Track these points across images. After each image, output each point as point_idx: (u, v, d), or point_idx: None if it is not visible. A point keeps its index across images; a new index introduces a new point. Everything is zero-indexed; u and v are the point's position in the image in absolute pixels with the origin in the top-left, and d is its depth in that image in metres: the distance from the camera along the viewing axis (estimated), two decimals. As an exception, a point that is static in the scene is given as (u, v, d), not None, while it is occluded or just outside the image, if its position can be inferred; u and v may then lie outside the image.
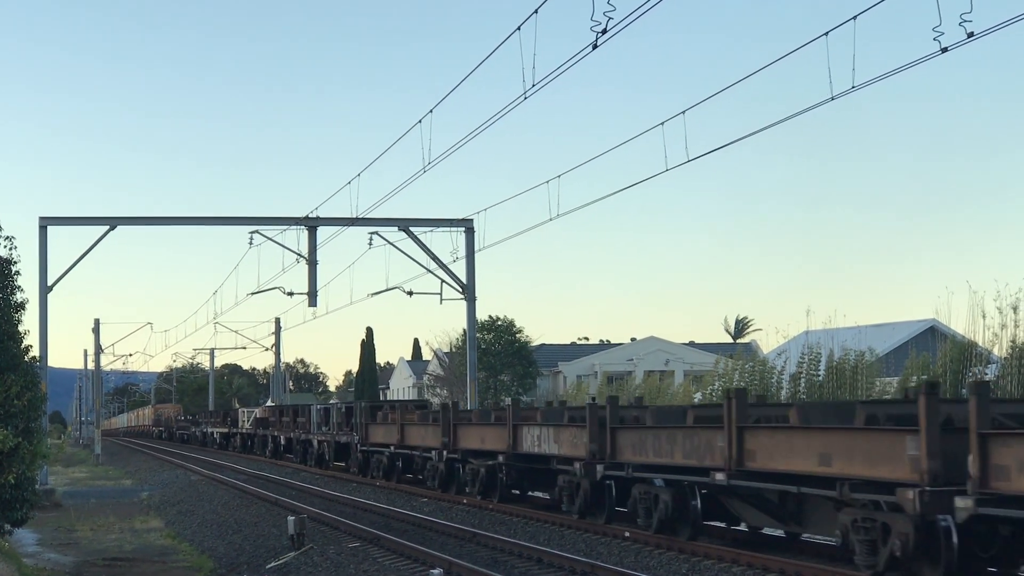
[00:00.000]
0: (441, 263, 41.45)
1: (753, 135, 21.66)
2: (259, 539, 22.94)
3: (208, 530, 25.79)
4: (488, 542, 20.06)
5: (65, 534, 26.11)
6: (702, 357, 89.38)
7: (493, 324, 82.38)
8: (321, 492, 32.39)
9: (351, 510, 27.05)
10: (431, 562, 17.64)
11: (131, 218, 42.46)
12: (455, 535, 21.45)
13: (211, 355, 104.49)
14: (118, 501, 35.91)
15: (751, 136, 21.83)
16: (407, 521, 24.13)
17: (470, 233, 41.43)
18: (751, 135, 21.82)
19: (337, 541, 21.05)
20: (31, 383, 17.74)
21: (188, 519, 28.81)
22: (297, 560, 19.43)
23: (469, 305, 42.44)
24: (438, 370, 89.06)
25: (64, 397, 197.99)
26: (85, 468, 59.73)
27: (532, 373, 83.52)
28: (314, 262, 39.91)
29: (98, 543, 24.41)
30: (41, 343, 38.07)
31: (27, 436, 17.38)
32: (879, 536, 13.81)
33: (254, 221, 41.13)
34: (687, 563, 17.00)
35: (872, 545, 13.92)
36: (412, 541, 19.85)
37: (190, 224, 44.03)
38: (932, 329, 51.84)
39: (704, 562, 16.91)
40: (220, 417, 74.29)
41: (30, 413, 17.64)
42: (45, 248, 39.89)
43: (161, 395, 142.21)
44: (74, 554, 22.55)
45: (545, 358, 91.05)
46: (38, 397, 18.03)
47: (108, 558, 21.80)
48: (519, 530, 21.87)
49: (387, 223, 41.10)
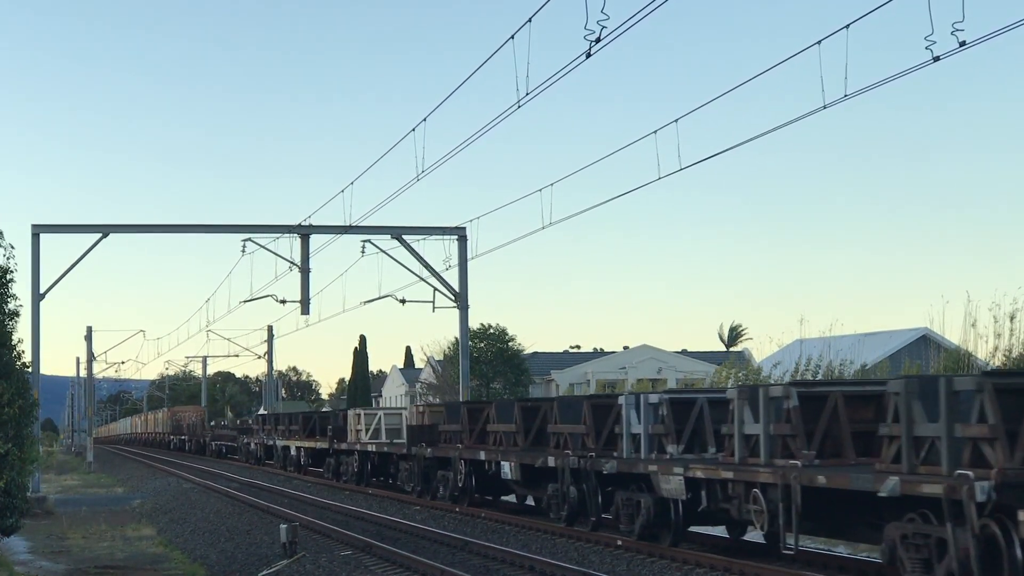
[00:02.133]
0: (434, 271, 41.46)
1: (746, 143, 21.73)
2: (251, 547, 22.90)
3: (200, 538, 25.73)
4: (480, 550, 20.04)
5: (57, 542, 26.02)
6: (695, 365, 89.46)
7: (485, 332, 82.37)
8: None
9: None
10: (423, 570, 17.63)
11: (124, 226, 42.38)
12: (447, 543, 21.44)
13: (204, 363, 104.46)
14: (110, 509, 35.80)
15: (744, 144, 21.90)
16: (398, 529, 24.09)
17: (463, 241, 41.43)
18: (744, 143, 21.91)
19: (329, 549, 21.02)
20: (22, 390, 17.70)
21: (180, 527, 28.74)
22: (289, 568, 19.39)
23: (462, 313, 42.43)
24: (431, 378, 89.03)
25: (56, 404, 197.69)
26: (77, 476, 59.56)
27: (524, 381, 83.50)
28: (307, 270, 39.88)
29: (90, 551, 24.33)
30: (33, 350, 38.00)
31: (18, 443, 17.34)
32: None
33: (247, 229, 41.10)
34: (679, 571, 17.00)
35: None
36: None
37: (183, 232, 43.96)
38: (924, 338, 51.98)
39: (696, 570, 16.91)
40: (304, 424, 46.22)
41: (21, 420, 17.60)
42: (38, 255, 39.81)
43: (154, 403, 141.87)
44: (66, 562, 22.48)
45: (538, 366, 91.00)
46: (29, 404, 17.99)
47: (100, 566, 21.74)
48: (511, 538, 21.86)
49: (380, 231, 41.09)
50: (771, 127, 20.64)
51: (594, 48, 17.90)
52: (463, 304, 42.22)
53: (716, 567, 16.85)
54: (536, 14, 19.36)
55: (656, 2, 16.71)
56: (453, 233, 41.50)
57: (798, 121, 19.77)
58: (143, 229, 43.78)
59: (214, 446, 72.46)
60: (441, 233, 41.58)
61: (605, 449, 20.87)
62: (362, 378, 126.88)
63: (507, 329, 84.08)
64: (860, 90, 17.92)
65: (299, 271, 39.86)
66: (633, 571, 17.31)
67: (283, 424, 50.07)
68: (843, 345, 35.01)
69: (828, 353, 34.51)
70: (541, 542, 21.09)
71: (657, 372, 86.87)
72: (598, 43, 17.69)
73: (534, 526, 22.91)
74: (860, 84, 17.99)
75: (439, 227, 41.88)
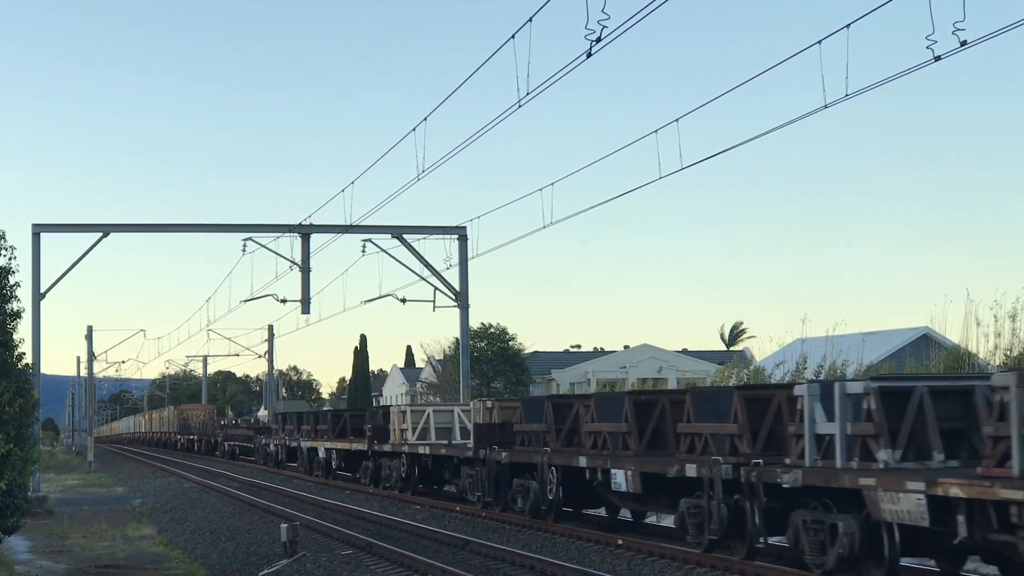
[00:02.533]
0: (434, 270, 41.48)
1: (747, 143, 21.72)
2: (252, 546, 22.90)
3: (201, 537, 25.73)
4: (480, 549, 20.04)
5: (57, 541, 26.02)
6: (695, 365, 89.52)
7: (486, 331, 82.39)
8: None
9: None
10: (424, 569, 17.63)
11: (124, 225, 42.44)
12: (448, 543, 21.44)
13: (204, 362, 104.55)
14: (111, 508, 35.79)
15: (745, 143, 21.90)
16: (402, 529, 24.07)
17: (463, 240, 41.46)
18: (746, 143, 21.90)
19: (330, 548, 21.03)
20: (23, 389, 17.69)
21: (181, 526, 28.74)
22: (290, 568, 19.39)
23: (462, 312, 42.45)
24: (431, 377, 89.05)
25: (57, 404, 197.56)
26: (78, 475, 59.57)
27: (525, 380, 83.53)
28: (307, 269, 39.93)
29: (90, 550, 24.33)
30: (34, 350, 38.11)
31: (19, 443, 17.34)
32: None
33: (247, 228, 41.14)
34: (680, 570, 16.98)
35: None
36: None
37: (183, 231, 44.02)
38: (925, 337, 51.95)
39: (697, 569, 16.89)
40: (333, 423, 41.86)
41: (22, 420, 17.60)
42: (38, 255, 39.90)
43: (154, 402, 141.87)
44: (66, 561, 22.48)
45: (538, 365, 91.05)
46: (30, 404, 17.98)
47: (100, 565, 21.74)
48: (511, 538, 21.85)
49: (380, 230, 41.14)
50: (772, 126, 20.64)
51: (595, 48, 17.94)
52: (463, 303, 42.24)
53: (717, 567, 16.70)
54: (537, 14, 19.40)
55: (657, 2, 16.73)
56: (454, 232, 41.53)
57: (799, 120, 19.76)
58: (143, 228, 43.82)
59: (227, 447, 67.23)
60: (442, 232, 41.62)
61: (766, 453, 16.69)
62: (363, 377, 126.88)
63: (507, 328, 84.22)
64: (861, 89, 17.94)
65: (299, 270, 39.92)
66: (634, 570, 17.30)
67: (308, 423, 45.13)
68: (844, 344, 34.97)
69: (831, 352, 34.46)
70: (541, 541, 21.07)
71: (658, 371, 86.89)
72: (599, 43, 17.72)
73: (534, 525, 22.86)
74: (861, 83, 18.01)
75: (440, 226, 41.92)
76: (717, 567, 16.73)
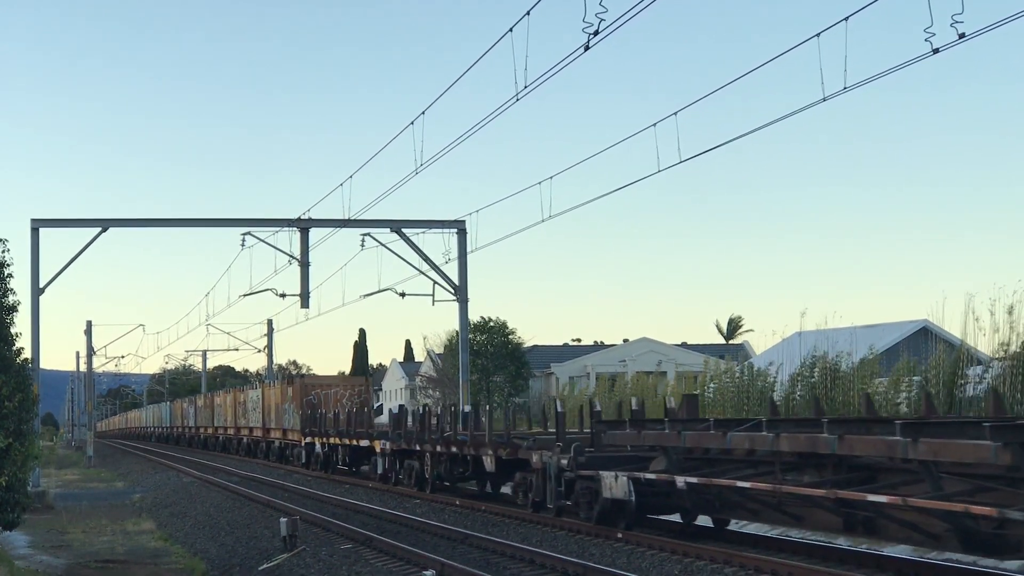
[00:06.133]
0: (433, 264, 41.45)
1: (746, 136, 21.70)
2: (251, 540, 22.93)
3: (200, 532, 25.76)
4: (480, 543, 20.06)
5: (57, 536, 26.05)
6: (694, 358, 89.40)
7: (485, 325, 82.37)
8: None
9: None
10: (423, 563, 17.65)
11: (123, 220, 42.40)
12: (447, 536, 21.46)
13: (203, 357, 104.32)
14: (110, 503, 35.83)
15: (744, 137, 21.89)
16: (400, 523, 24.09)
17: (462, 234, 41.42)
18: (744, 136, 21.87)
19: (329, 542, 21.04)
20: (22, 385, 17.71)
21: (180, 521, 28.77)
22: (289, 562, 19.41)
23: (461, 306, 42.42)
24: (431, 372, 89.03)
25: (56, 399, 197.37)
26: (77, 470, 59.60)
27: (525, 374, 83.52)
28: (306, 264, 39.87)
29: (90, 545, 24.36)
30: (33, 345, 38.07)
31: (19, 438, 17.36)
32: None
33: (246, 223, 41.08)
34: (679, 564, 17.00)
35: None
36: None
37: (182, 226, 43.99)
38: (924, 330, 51.93)
39: (696, 563, 16.91)
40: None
41: (21, 415, 17.61)
42: (37, 250, 39.86)
43: (154, 397, 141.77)
44: (66, 556, 22.50)
45: (538, 359, 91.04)
46: (29, 399, 17.99)
47: (100, 560, 21.76)
48: (511, 531, 21.87)
49: (379, 224, 41.07)
50: (771, 120, 20.63)
51: (592, 41, 17.88)
52: (463, 297, 42.21)
53: (716, 559, 16.72)
54: (534, 7, 19.34)
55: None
56: (453, 226, 41.48)
57: (798, 113, 19.73)
58: (142, 223, 43.77)
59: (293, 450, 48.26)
60: (441, 226, 41.57)
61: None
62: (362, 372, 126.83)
63: (507, 322, 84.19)
64: (860, 82, 17.90)
65: (299, 265, 39.86)
66: (633, 563, 17.31)
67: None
68: (841, 337, 34.89)
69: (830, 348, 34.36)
70: (541, 535, 21.09)
71: (657, 365, 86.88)
72: (596, 36, 17.67)
73: (534, 519, 22.90)
74: (860, 76, 17.99)
75: (438, 220, 41.86)
76: (716, 560, 16.77)
